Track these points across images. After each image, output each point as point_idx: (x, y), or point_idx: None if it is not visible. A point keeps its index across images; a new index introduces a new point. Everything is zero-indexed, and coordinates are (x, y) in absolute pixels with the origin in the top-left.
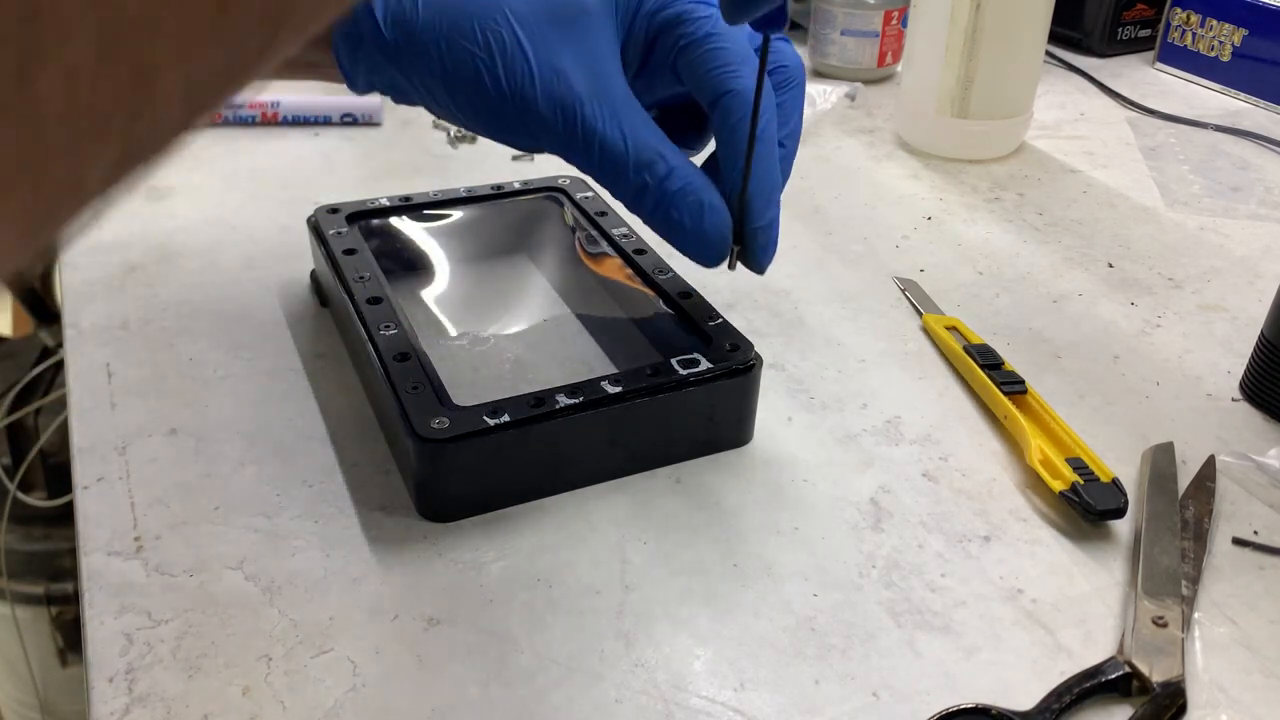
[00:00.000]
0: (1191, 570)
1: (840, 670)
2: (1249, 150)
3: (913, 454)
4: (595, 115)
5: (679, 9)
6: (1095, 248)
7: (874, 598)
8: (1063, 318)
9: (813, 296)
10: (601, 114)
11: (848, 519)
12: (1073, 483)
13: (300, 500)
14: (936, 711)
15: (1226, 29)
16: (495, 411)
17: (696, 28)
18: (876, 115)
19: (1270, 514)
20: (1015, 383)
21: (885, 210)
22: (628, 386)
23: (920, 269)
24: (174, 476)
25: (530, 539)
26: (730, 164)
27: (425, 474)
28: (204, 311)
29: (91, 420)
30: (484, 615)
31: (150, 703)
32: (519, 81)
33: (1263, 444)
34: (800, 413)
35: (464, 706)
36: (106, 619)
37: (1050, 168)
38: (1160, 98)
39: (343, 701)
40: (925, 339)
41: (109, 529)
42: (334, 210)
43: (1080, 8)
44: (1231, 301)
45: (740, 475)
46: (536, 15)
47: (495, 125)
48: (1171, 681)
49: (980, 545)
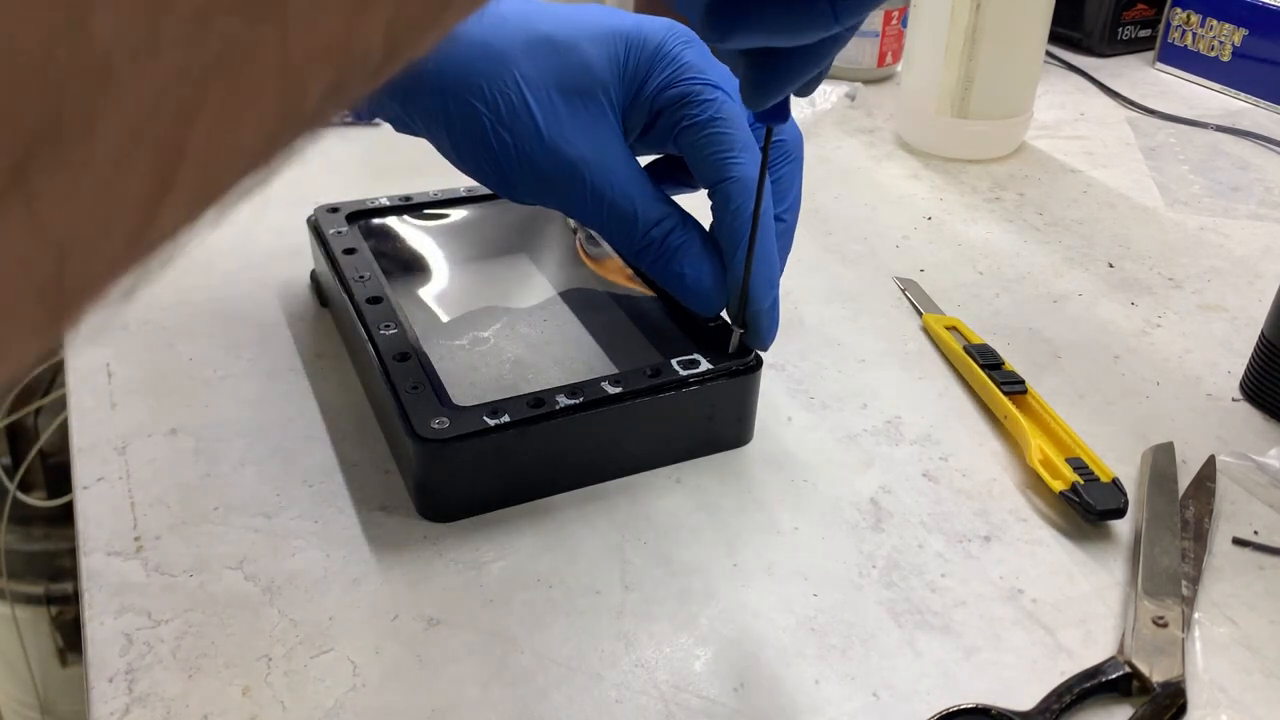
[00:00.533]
0: (1191, 570)
1: (840, 670)
2: (1249, 150)
3: (913, 454)
4: (601, 179)
5: (685, 89)
6: (1095, 248)
7: (874, 598)
8: (1063, 318)
9: (813, 296)
10: (607, 178)
11: (848, 519)
12: (1073, 483)
13: (300, 500)
14: (936, 711)
15: (1226, 29)
16: (495, 412)
17: (700, 110)
18: (876, 115)
19: (1270, 514)
20: (1015, 383)
21: (885, 210)
22: (628, 387)
23: (920, 269)
24: (174, 476)
25: (530, 539)
26: (730, 248)
27: (425, 474)
28: (204, 311)
29: (91, 420)
30: (484, 615)
31: (150, 703)
32: (526, 143)
33: (1263, 444)
34: (800, 413)
35: (464, 706)
36: (106, 619)
37: (1050, 168)
38: (1160, 98)
39: (343, 701)
40: (925, 339)
41: (109, 529)
42: (334, 210)
43: (1080, 8)
44: (1231, 301)
45: (740, 475)
46: (546, 80)
47: (496, 178)
48: (1171, 681)
49: (980, 545)
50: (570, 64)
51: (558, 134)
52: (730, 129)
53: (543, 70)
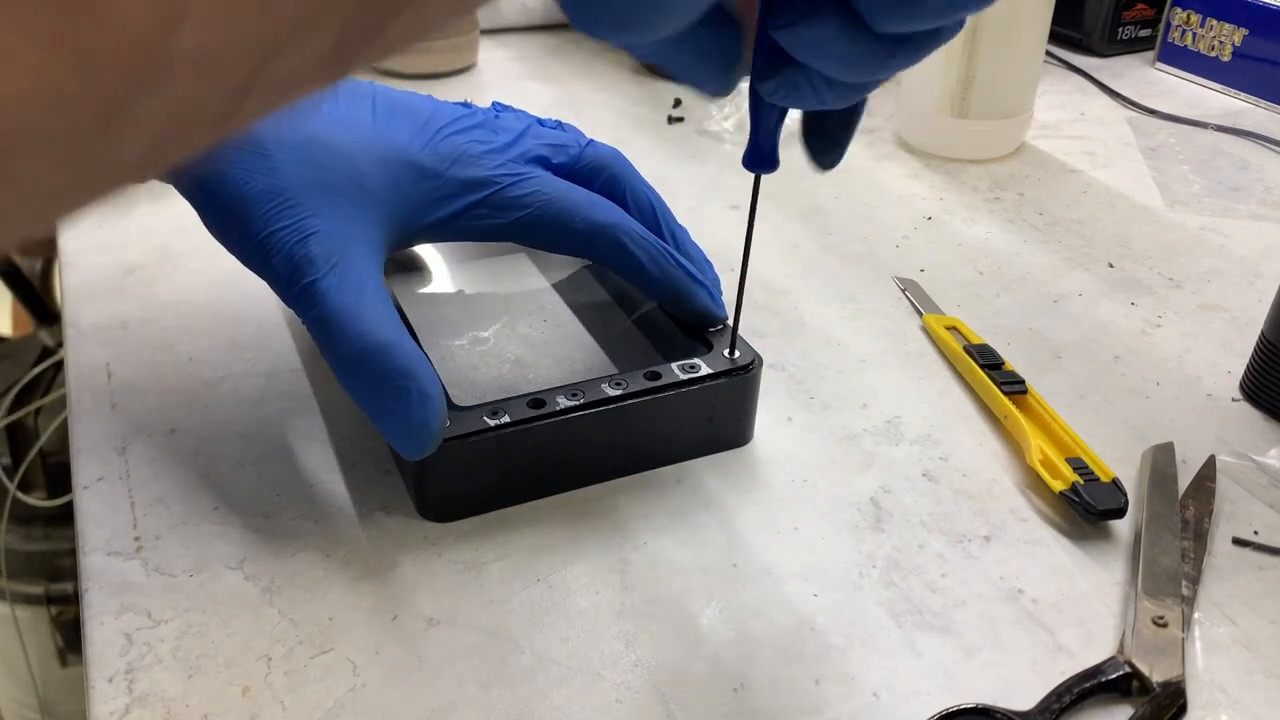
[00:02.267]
0: (1191, 570)
1: (840, 670)
2: (1249, 150)
3: (913, 454)
4: (328, 279)
5: (493, 186)
6: (1095, 248)
7: (874, 598)
8: (1063, 318)
9: (813, 296)
10: (334, 281)
11: (848, 519)
12: (1073, 483)
13: (300, 500)
14: (936, 711)
15: (1226, 29)
16: (495, 412)
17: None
18: (876, 115)
19: (1270, 514)
20: (1015, 383)
21: (885, 210)
22: (628, 388)
23: (920, 269)
24: (174, 476)
25: (530, 539)
26: (674, 270)
27: (425, 474)
28: (204, 311)
29: (91, 420)
30: (484, 615)
31: (150, 703)
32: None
33: (1263, 444)
34: (800, 413)
35: (464, 706)
36: (106, 619)
37: (1050, 168)
38: (1160, 98)
39: (343, 701)
40: (925, 339)
41: (109, 529)
42: None
43: (1080, 8)
44: (1231, 301)
45: (740, 475)
46: (306, 175)
47: (237, 252)
48: (1171, 681)
49: (980, 545)
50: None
51: (301, 225)
52: (567, 190)
53: (305, 165)
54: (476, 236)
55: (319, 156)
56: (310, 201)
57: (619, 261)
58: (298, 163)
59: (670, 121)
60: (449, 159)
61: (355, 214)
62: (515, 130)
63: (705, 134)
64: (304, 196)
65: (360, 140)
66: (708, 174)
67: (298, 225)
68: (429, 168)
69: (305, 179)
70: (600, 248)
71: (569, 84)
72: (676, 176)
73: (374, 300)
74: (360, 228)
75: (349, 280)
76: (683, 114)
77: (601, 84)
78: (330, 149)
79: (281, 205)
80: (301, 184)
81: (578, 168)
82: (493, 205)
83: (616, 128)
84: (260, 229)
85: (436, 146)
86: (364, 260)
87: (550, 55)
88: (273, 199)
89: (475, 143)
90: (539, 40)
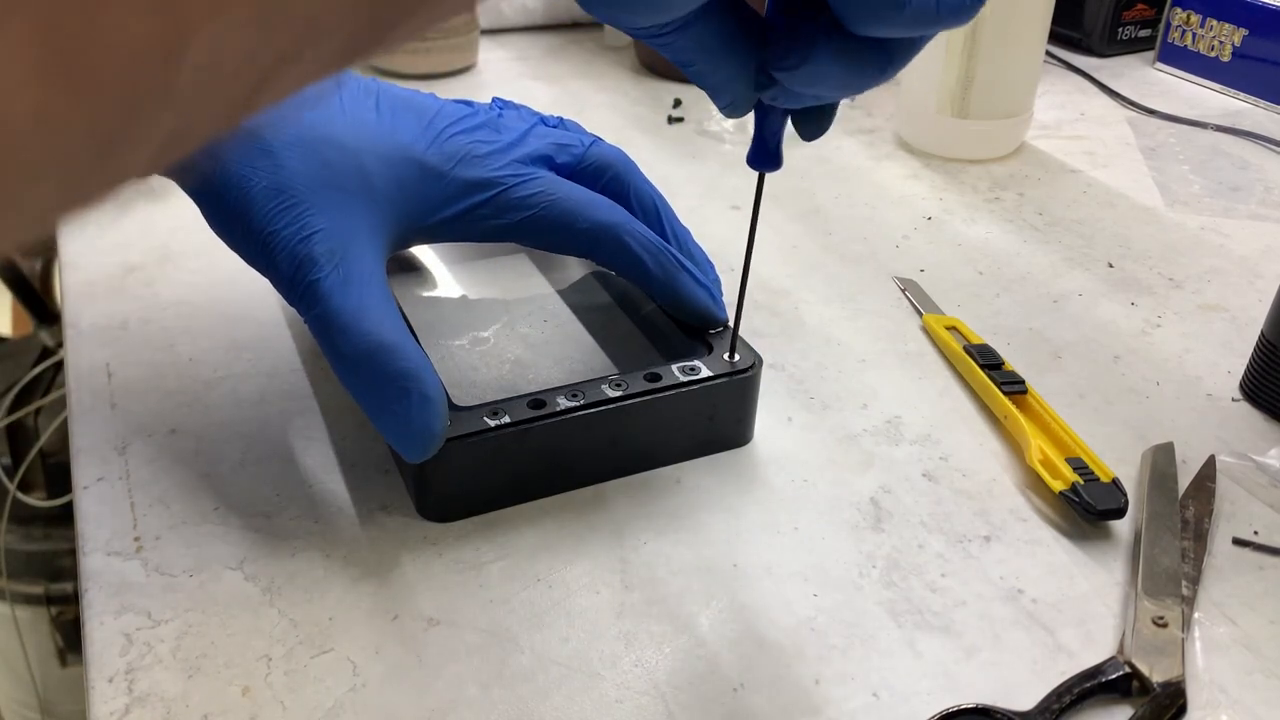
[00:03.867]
0: (1191, 570)
1: (840, 670)
2: (1249, 150)
3: (913, 454)
4: (331, 278)
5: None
6: (1095, 248)
7: (874, 598)
8: (1063, 318)
9: (813, 296)
10: (337, 280)
11: (848, 519)
12: (1073, 483)
13: (300, 500)
14: (936, 711)
15: (1226, 29)
16: (495, 412)
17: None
18: (876, 115)
19: (1270, 514)
20: (1015, 383)
21: (885, 210)
22: (628, 389)
23: (920, 269)
24: (174, 476)
25: (530, 539)
26: (675, 269)
27: (425, 474)
28: (204, 311)
29: (91, 420)
30: (484, 615)
31: (150, 703)
32: (274, 224)
33: (1263, 444)
34: (800, 413)
35: (464, 706)
36: (106, 619)
37: (1050, 168)
38: (1160, 98)
39: (343, 701)
40: (925, 339)
41: (109, 529)
42: None
43: (1080, 8)
44: (1231, 301)
45: (740, 475)
46: (311, 172)
47: (240, 250)
48: (1171, 681)
49: (980, 545)
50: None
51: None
52: (573, 191)
53: (310, 162)
54: (480, 237)
55: (324, 154)
56: (314, 199)
57: (621, 261)
58: (302, 160)
59: (670, 121)
60: (454, 159)
61: (360, 212)
62: (519, 130)
63: (705, 134)
64: (308, 194)
65: (365, 138)
66: (708, 174)
67: (301, 223)
68: (434, 167)
69: (310, 177)
70: (603, 248)
71: (569, 84)
72: (676, 177)
73: (377, 300)
74: (364, 226)
75: (352, 279)
76: (683, 114)
77: (602, 84)
78: (335, 147)
79: (285, 203)
80: (306, 182)
81: (582, 167)
82: (497, 206)
83: (616, 128)
84: (264, 226)
85: (441, 146)
86: (367, 259)
87: (550, 55)
88: (276, 196)
89: (480, 143)
90: (539, 40)
